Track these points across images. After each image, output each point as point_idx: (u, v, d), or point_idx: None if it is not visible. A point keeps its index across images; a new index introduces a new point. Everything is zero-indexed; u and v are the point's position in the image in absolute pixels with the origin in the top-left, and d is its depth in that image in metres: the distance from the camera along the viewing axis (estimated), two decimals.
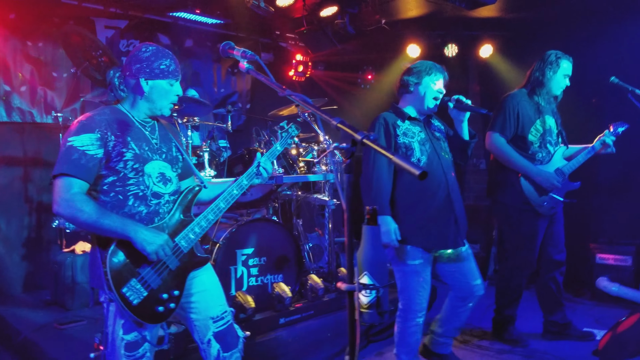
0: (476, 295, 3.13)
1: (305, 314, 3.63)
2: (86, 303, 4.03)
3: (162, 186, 2.20)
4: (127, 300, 1.98)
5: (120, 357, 2.07)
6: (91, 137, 2.03)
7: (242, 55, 2.00)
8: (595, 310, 4.73)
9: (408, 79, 2.99)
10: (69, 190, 1.97)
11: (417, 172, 1.17)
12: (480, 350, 3.87)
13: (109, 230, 1.98)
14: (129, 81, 2.19)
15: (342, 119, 1.44)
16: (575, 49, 5.35)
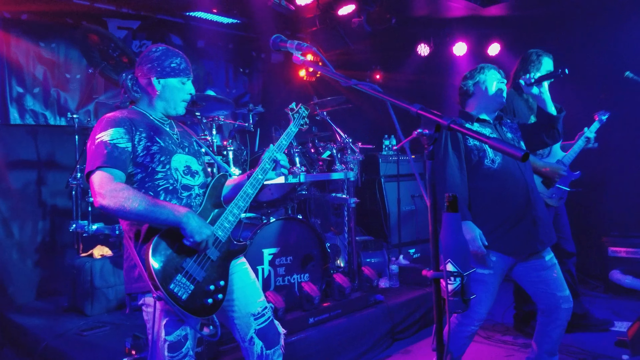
0: (563, 308, 2.85)
1: (333, 313, 3.60)
2: (106, 309, 3.96)
3: (190, 178, 2.20)
4: (175, 297, 1.93)
5: (164, 358, 2.03)
6: (119, 130, 2.03)
7: (297, 48, 1.98)
8: (611, 302, 4.77)
9: (464, 83, 2.94)
10: (110, 181, 1.95)
11: (520, 154, 1.15)
12: (505, 345, 3.88)
13: (160, 217, 1.95)
14: (142, 82, 2.21)
15: (422, 106, 1.41)
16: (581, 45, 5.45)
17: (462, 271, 1.30)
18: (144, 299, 2.08)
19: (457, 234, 1.33)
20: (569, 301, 2.84)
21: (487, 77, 2.88)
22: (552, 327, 2.86)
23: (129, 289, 2.11)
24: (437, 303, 1.30)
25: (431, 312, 4.21)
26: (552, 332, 2.87)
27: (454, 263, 1.31)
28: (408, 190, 5.93)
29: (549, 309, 2.86)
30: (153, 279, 1.90)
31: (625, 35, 5.13)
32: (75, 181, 4.06)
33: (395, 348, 3.88)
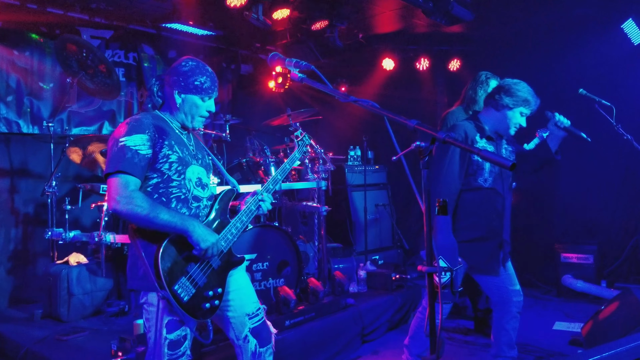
0: (514, 301, 3.09)
1: (308, 316, 3.75)
2: (82, 315, 4.00)
3: (201, 190, 2.31)
4: (178, 298, 2.06)
5: (163, 355, 2.14)
6: (142, 137, 2.12)
7: (295, 65, 2.08)
8: (563, 305, 5.11)
9: (503, 97, 2.98)
10: (127, 187, 2.05)
11: (508, 165, 1.36)
12: (467, 344, 4.14)
13: (168, 225, 2.07)
14: (166, 91, 2.31)
15: (419, 121, 1.60)
16: (537, 63, 5.85)
17: (452, 266, 1.50)
18: (146, 297, 2.18)
19: (448, 235, 1.53)
20: (519, 295, 3.13)
21: (517, 116, 2.99)
22: (507, 319, 3.13)
23: (132, 285, 2.21)
24: (431, 294, 1.48)
25: (397, 315, 4.46)
26: (506, 324, 3.14)
27: (445, 260, 1.50)
28: (373, 199, 6.17)
29: (501, 302, 3.12)
30: (160, 278, 2.03)
31: (578, 54, 5.51)
32: (50, 189, 4.07)
33: (365, 349, 4.07)
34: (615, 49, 5.24)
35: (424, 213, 1.50)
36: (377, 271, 4.83)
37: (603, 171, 5.53)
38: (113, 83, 4.05)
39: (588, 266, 5.33)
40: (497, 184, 3.03)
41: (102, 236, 3.86)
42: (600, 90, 4.17)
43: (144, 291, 2.19)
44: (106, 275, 4.14)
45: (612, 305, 3.33)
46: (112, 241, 3.92)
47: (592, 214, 5.64)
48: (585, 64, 5.42)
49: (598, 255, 5.33)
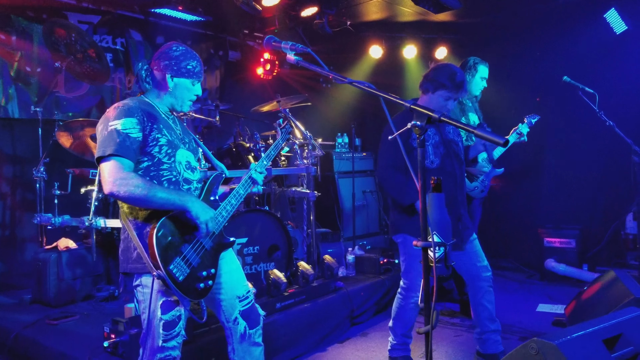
0: (483, 276, 3.23)
1: (298, 298, 3.81)
2: (72, 300, 4.01)
3: (190, 173, 2.35)
4: (173, 277, 2.09)
5: (158, 336, 2.18)
6: (132, 121, 2.15)
7: (291, 48, 2.08)
8: (546, 288, 5.23)
9: (433, 80, 3.08)
10: (121, 169, 2.08)
11: (501, 142, 1.42)
12: (453, 326, 4.23)
13: (166, 202, 2.10)
14: (156, 75, 2.32)
15: (415, 101, 1.64)
16: (523, 52, 5.94)
17: (446, 241, 1.55)
18: (140, 279, 2.21)
19: (441, 211, 1.58)
20: (488, 270, 3.28)
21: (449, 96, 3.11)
22: (481, 294, 3.27)
23: (125, 269, 2.24)
24: (425, 268, 1.54)
25: (385, 298, 4.54)
26: (482, 298, 3.27)
27: (439, 235, 1.55)
28: (360, 186, 6.23)
29: (471, 278, 3.27)
30: (155, 258, 2.05)
31: (562, 42, 5.61)
32: (39, 174, 4.06)
33: (354, 331, 4.15)
34: (599, 37, 5.34)
35: (419, 191, 1.55)
36: (365, 255, 4.90)
37: (586, 157, 5.65)
38: (103, 67, 4.03)
39: (570, 250, 5.46)
40: (445, 164, 3.12)
41: (92, 221, 3.86)
42: (583, 78, 4.27)
43: (137, 274, 2.22)
44: (96, 260, 4.14)
45: (595, 286, 3.44)
46: (103, 226, 3.93)
47: (575, 199, 5.78)
48: (570, 52, 5.52)
49: (580, 239, 5.47)
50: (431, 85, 3.09)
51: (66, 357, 3.01)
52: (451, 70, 3.09)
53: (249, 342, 2.43)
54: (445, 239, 1.55)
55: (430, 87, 3.09)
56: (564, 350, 2.03)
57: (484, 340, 3.32)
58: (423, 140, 1.57)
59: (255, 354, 2.46)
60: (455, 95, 3.08)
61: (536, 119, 4.21)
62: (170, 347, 2.21)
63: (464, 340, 3.87)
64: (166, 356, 2.20)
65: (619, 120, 4.17)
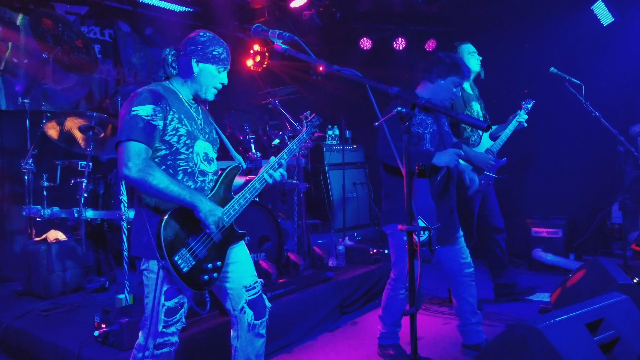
0: (465, 272, 3.27)
1: (289, 288, 3.83)
2: (62, 292, 4.00)
3: (207, 165, 2.33)
4: (177, 268, 2.11)
5: (159, 321, 2.21)
6: (155, 108, 2.14)
7: (279, 37, 2.09)
8: (534, 278, 5.29)
9: (434, 69, 3.05)
10: (139, 155, 2.08)
11: (484, 126, 1.45)
12: (441, 315, 4.27)
13: (177, 197, 2.10)
14: (182, 60, 2.31)
15: (400, 88, 1.66)
16: (511, 43, 5.98)
17: (430, 226, 1.58)
18: (147, 264, 2.23)
19: (426, 196, 1.61)
20: (470, 266, 3.31)
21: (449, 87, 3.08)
22: (462, 288, 3.30)
23: (135, 252, 2.26)
24: (410, 251, 1.57)
25: (375, 287, 4.57)
26: (464, 293, 3.30)
27: (423, 219, 1.58)
28: (351, 178, 6.26)
29: (453, 273, 3.31)
30: (161, 249, 2.07)
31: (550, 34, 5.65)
32: (27, 166, 4.03)
33: (344, 320, 4.18)
34: (586, 29, 5.40)
35: (404, 176, 1.58)
36: (356, 246, 4.94)
37: (573, 148, 5.71)
38: (90, 58, 4.01)
39: (557, 240, 5.54)
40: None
41: (81, 212, 3.85)
42: (571, 69, 4.31)
43: (145, 258, 2.24)
44: (86, 251, 4.14)
45: (580, 273, 3.49)
46: (92, 217, 3.92)
47: (562, 190, 5.84)
48: (557, 44, 5.57)
49: (567, 229, 5.54)
50: (443, 72, 3.04)
51: (57, 348, 3.02)
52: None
53: (254, 333, 2.45)
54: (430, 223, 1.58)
55: (442, 73, 3.04)
56: (547, 334, 2.08)
57: (466, 332, 3.38)
58: (408, 126, 1.59)
59: (257, 345, 2.48)
60: (463, 80, 3.09)
61: (531, 103, 4.25)
62: (169, 332, 2.24)
63: (451, 327, 3.91)
64: (165, 341, 2.24)
65: (605, 111, 4.23)
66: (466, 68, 3.12)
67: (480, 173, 4.13)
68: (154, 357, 2.22)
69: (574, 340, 2.13)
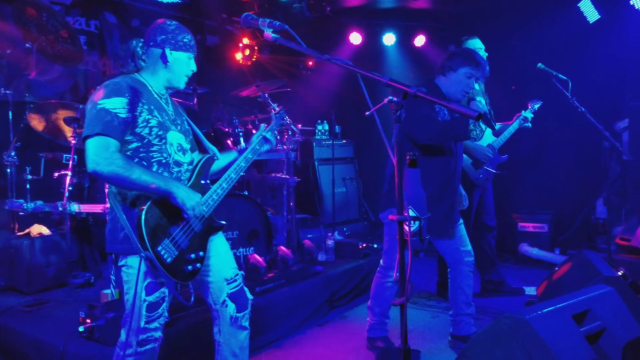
0: (465, 261, 3.30)
1: (278, 282, 3.81)
2: (46, 287, 3.92)
3: (182, 155, 2.30)
4: (161, 259, 2.07)
5: (141, 317, 2.16)
6: (122, 100, 2.09)
7: (269, 25, 2.06)
8: (521, 272, 5.36)
9: (446, 62, 3.12)
10: (107, 149, 2.03)
11: (474, 115, 1.44)
12: (430, 308, 4.31)
13: (150, 186, 2.06)
14: (153, 51, 2.26)
15: (392, 77, 1.65)
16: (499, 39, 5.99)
17: (420, 216, 1.58)
18: (126, 260, 2.19)
19: (417, 186, 1.60)
20: (470, 255, 3.34)
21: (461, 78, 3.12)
22: (460, 278, 3.33)
23: (112, 249, 2.21)
24: (401, 241, 1.56)
25: (364, 282, 4.58)
26: (461, 282, 3.33)
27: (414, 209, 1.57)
28: (340, 173, 6.25)
29: (454, 262, 3.32)
30: (143, 239, 2.03)
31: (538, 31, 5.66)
32: (10, 158, 3.95)
33: (333, 314, 4.18)
34: (572, 26, 5.44)
35: (395, 165, 1.57)
36: (345, 240, 4.93)
37: (559, 143, 5.77)
38: (75, 49, 3.94)
39: (543, 235, 5.60)
40: (457, 146, 3.17)
41: (66, 206, 3.79)
42: (557, 65, 4.33)
43: (123, 254, 2.20)
44: (71, 246, 4.07)
45: (565, 266, 3.52)
46: (77, 211, 3.85)
47: (548, 185, 5.90)
48: (545, 40, 5.60)
49: (552, 224, 5.61)
50: (454, 64, 3.10)
51: (41, 343, 2.97)
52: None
53: (236, 326, 2.43)
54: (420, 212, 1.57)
55: (453, 65, 3.10)
56: (535, 325, 2.10)
57: (457, 322, 3.40)
58: (399, 116, 1.58)
59: (240, 338, 2.45)
60: (477, 73, 3.10)
61: (539, 104, 4.28)
62: (152, 328, 2.20)
63: (439, 321, 3.94)
64: (148, 337, 2.19)
65: (591, 106, 4.26)
66: (482, 60, 3.14)
67: (479, 167, 4.15)
68: (137, 354, 2.18)
69: (561, 331, 2.16)
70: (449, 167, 3.16)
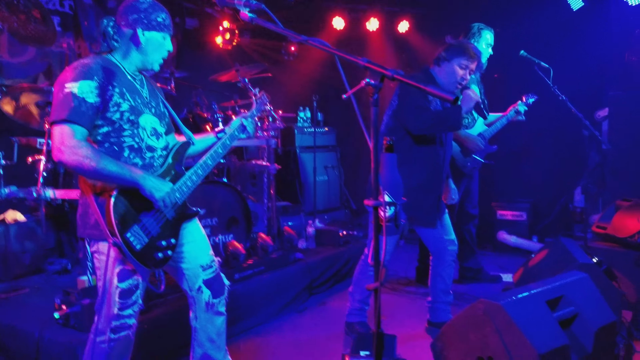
0: (449, 249, 3.32)
1: (257, 269, 3.80)
2: (22, 274, 3.87)
3: (155, 140, 2.23)
4: (130, 246, 2.04)
5: (114, 304, 2.13)
6: (90, 84, 2.01)
7: (245, 4, 1.99)
8: (498, 259, 5.42)
9: (441, 53, 3.13)
10: (72, 137, 1.96)
11: (451, 98, 1.42)
12: (408, 294, 4.35)
13: (116, 177, 2.00)
14: (125, 31, 2.16)
15: (369, 59, 1.62)
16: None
17: (396, 201, 1.57)
18: (97, 245, 2.14)
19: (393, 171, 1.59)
20: (454, 244, 3.36)
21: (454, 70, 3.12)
22: (442, 267, 3.36)
23: (83, 234, 2.16)
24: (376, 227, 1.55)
25: (344, 269, 4.59)
26: (442, 271, 3.36)
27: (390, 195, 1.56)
28: (322, 161, 6.24)
29: (437, 251, 3.35)
30: (111, 225, 1.99)
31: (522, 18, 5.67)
32: None
33: (312, 301, 4.19)
34: (556, 13, 5.45)
35: (371, 150, 1.55)
36: (326, 228, 4.93)
37: (539, 131, 5.80)
38: (48, 29, 3.82)
39: (521, 223, 5.66)
40: (447, 136, 3.19)
41: (40, 191, 3.71)
42: (540, 53, 4.34)
43: (94, 240, 2.15)
44: (47, 233, 4.01)
45: (542, 253, 3.57)
46: (52, 197, 3.78)
47: (527, 174, 5.96)
48: (528, 27, 5.61)
49: (531, 212, 5.67)
50: (448, 54, 3.11)
51: (16, 331, 2.93)
52: (469, 42, 3.22)
53: (213, 311, 2.41)
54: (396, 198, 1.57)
55: (448, 55, 3.11)
56: (508, 310, 2.13)
57: (434, 309, 3.44)
58: (377, 99, 1.56)
59: (217, 323, 2.44)
60: (472, 63, 3.10)
61: (533, 99, 4.28)
62: (125, 315, 2.17)
63: (418, 307, 3.96)
64: (122, 324, 2.16)
65: (571, 95, 4.29)
66: (477, 51, 3.15)
67: (468, 155, 4.15)
68: (111, 341, 2.15)
69: (534, 316, 2.20)
70: (438, 158, 3.17)
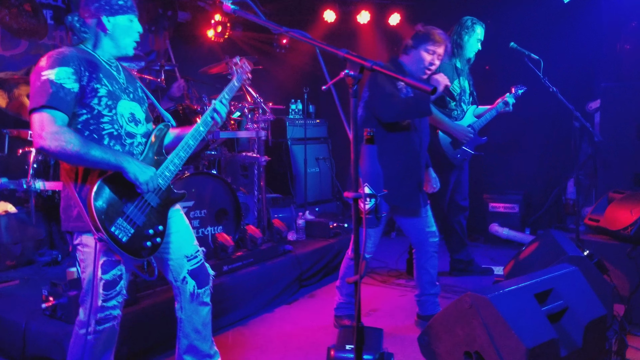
0: (430, 241, 3.35)
1: (246, 261, 3.82)
2: (12, 265, 3.88)
3: (134, 126, 2.23)
4: (116, 239, 2.04)
5: (98, 296, 2.13)
6: (67, 70, 2.01)
7: None
8: (490, 251, 5.44)
9: (409, 40, 3.15)
10: (53, 123, 1.96)
11: (429, 89, 1.43)
12: (398, 286, 4.37)
13: (100, 161, 2.00)
14: (90, 22, 2.17)
15: (348, 50, 1.62)
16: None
17: (376, 193, 1.57)
18: (80, 238, 2.14)
19: (374, 163, 1.59)
20: (435, 236, 3.38)
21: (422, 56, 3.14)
22: (425, 258, 3.38)
23: (67, 227, 2.16)
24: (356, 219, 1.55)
25: (334, 261, 4.60)
26: (425, 263, 3.38)
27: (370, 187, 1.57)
28: (313, 153, 6.24)
29: (419, 243, 3.37)
30: (95, 221, 1.98)
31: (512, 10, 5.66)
32: None
33: (302, 293, 4.21)
34: (547, 5, 5.45)
35: (351, 141, 1.55)
36: (316, 220, 4.94)
37: (531, 123, 5.81)
38: (39, 23, 3.82)
39: (514, 215, 5.67)
40: (415, 121, 3.17)
41: (31, 183, 3.71)
42: (531, 45, 4.33)
43: (77, 232, 2.16)
44: (37, 224, 4.01)
45: (532, 246, 3.58)
46: (42, 188, 3.78)
47: (519, 166, 5.97)
48: (518, 19, 5.60)
49: (523, 204, 5.67)
50: (415, 41, 3.13)
51: (3, 322, 2.94)
52: (433, 28, 3.17)
53: (198, 302, 2.42)
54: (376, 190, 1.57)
55: (414, 42, 3.13)
56: (495, 303, 2.12)
57: (422, 302, 3.45)
58: (356, 90, 1.56)
59: (202, 314, 2.45)
60: (438, 48, 3.11)
61: (523, 90, 4.29)
62: (110, 306, 2.18)
63: (407, 299, 3.99)
64: (106, 315, 2.17)
65: (562, 87, 4.29)
66: (443, 36, 3.15)
67: (458, 147, 4.16)
68: (96, 332, 2.16)
69: (522, 309, 2.17)
70: (414, 144, 3.17)
